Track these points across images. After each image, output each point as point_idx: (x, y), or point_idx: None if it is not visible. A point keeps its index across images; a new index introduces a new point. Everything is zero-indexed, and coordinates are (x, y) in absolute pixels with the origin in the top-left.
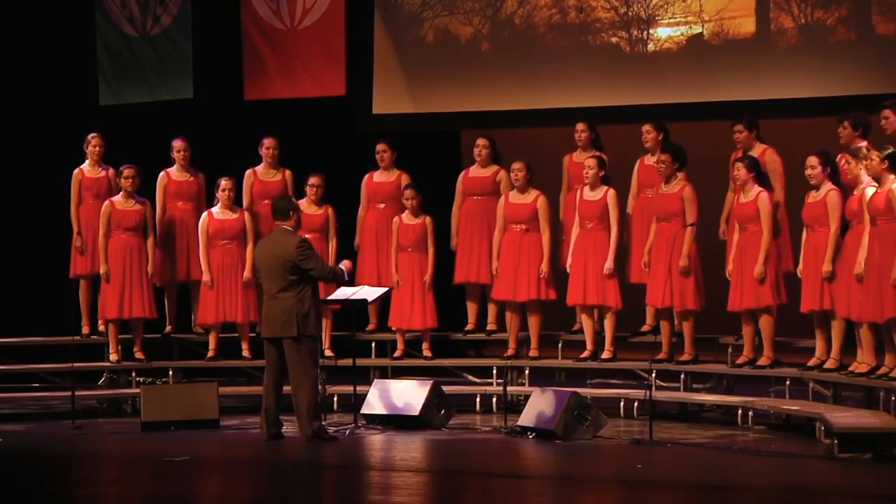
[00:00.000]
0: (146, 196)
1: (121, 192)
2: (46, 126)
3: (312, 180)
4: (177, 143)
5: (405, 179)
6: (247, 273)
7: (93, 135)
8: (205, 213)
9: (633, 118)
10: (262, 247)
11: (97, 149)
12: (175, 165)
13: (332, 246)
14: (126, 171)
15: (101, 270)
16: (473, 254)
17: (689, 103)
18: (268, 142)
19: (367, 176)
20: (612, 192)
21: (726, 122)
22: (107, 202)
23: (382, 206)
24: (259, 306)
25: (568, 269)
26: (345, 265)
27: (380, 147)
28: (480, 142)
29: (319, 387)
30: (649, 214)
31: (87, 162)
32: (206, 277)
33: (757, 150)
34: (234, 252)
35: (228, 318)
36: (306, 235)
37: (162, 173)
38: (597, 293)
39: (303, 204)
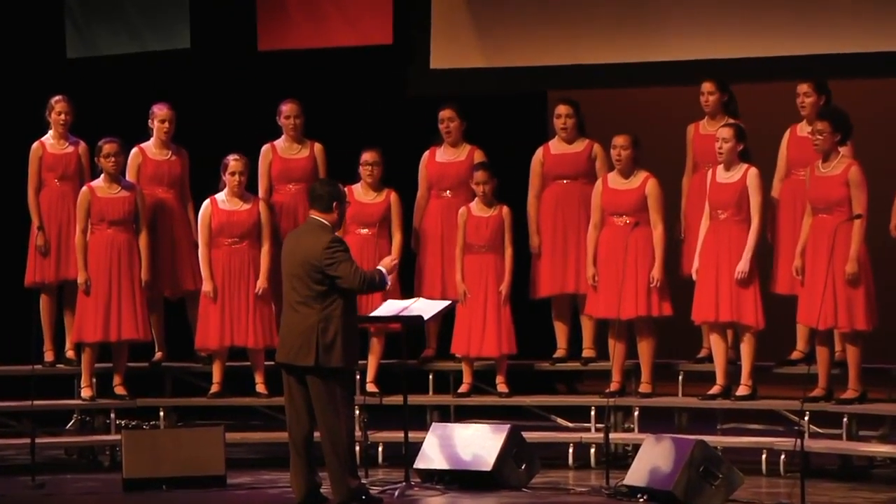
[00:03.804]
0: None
1: (102, 176)
2: None
3: (366, 157)
4: (161, 111)
5: (479, 157)
6: (261, 282)
7: (57, 98)
8: (206, 203)
9: (775, 73)
10: (289, 242)
11: (63, 116)
12: (153, 139)
13: (397, 243)
14: (106, 148)
15: (80, 279)
16: (568, 257)
17: (850, 55)
18: (287, 108)
19: (426, 154)
20: (753, 170)
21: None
22: (85, 189)
23: (449, 193)
24: (279, 325)
25: (694, 276)
26: (385, 264)
27: (445, 114)
28: (562, 110)
29: (358, 432)
30: (802, 203)
31: (49, 133)
32: (206, 287)
33: None
34: (244, 254)
35: (237, 342)
36: (362, 230)
37: (135, 149)
38: (731, 307)
39: (356, 190)
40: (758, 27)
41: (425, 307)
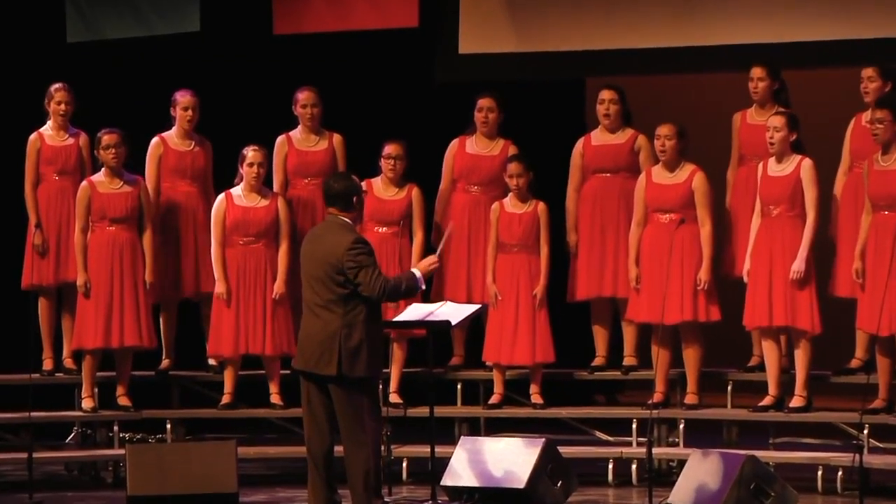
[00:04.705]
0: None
1: (102, 170)
2: None
3: (389, 149)
4: (184, 98)
5: (512, 151)
6: (278, 285)
7: (57, 86)
8: (220, 197)
9: (831, 59)
10: (308, 241)
11: (63, 106)
12: (175, 129)
13: (418, 242)
14: (106, 139)
15: (79, 281)
16: (607, 257)
17: None
18: (304, 97)
19: (455, 143)
20: (807, 161)
21: None
22: (84, 184)
23: (477, 189)
24: (297, 331)
25: (745, 278)
26: (422, 267)
27: (484, 103)
28: (606, 95)
29: (382, 447)
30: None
31: (48, 124)
32: (219, 288)
33: None
34: (260, 254)
35: (252, 350)
36: (381, 229)
37: (156, 139)
38: (785, 310)
39: (375, 184)
40: (813, 8)
41: (453, 311)
